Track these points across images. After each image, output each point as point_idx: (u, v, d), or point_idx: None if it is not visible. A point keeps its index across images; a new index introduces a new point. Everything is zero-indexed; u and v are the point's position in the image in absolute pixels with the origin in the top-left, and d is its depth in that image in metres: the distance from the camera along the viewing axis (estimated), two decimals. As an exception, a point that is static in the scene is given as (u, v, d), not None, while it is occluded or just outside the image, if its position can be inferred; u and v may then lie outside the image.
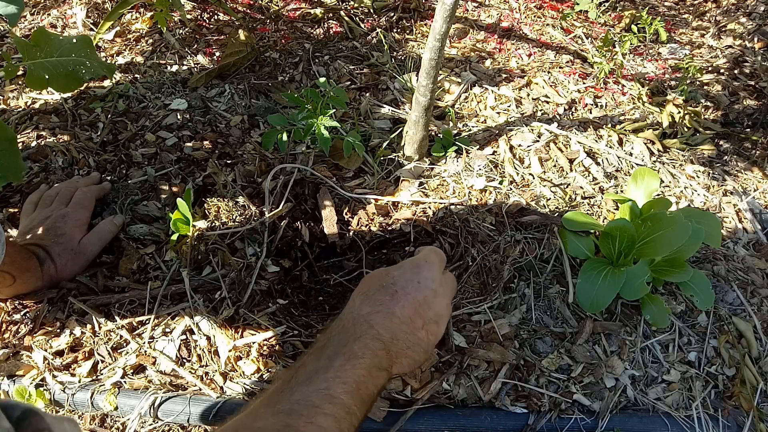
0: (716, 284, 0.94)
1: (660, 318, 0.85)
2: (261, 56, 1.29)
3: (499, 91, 1.29)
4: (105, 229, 0.89)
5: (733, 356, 0.85)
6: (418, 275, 0.65)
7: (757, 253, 1.03)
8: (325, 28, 1.42)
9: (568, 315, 0.87)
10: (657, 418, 0.78)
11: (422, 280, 0.64)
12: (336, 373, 0.54)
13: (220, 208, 0.95)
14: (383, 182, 1.07)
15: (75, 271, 0.85)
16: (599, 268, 0.85)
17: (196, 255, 0.88)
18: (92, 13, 1.33)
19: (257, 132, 1.12)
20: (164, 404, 0.73)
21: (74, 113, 1.10)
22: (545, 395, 0.78)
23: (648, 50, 1.58)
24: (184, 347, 0.79)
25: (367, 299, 0.63)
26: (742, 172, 1.23)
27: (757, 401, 0.81)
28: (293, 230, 0.99)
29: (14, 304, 0.82)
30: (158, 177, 1.00)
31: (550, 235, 0.96)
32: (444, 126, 1.17)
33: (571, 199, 1.05)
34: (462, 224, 0.98)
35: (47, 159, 1.02)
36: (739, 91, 1.45)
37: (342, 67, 1.29)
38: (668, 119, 1.28)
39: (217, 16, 1.39)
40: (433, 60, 0.92)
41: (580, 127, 1.21)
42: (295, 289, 0.94)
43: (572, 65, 1.42)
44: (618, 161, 1.15)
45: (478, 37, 1.48)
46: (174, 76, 1.20)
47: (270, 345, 0.80)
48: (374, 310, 0.61)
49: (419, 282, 0.64)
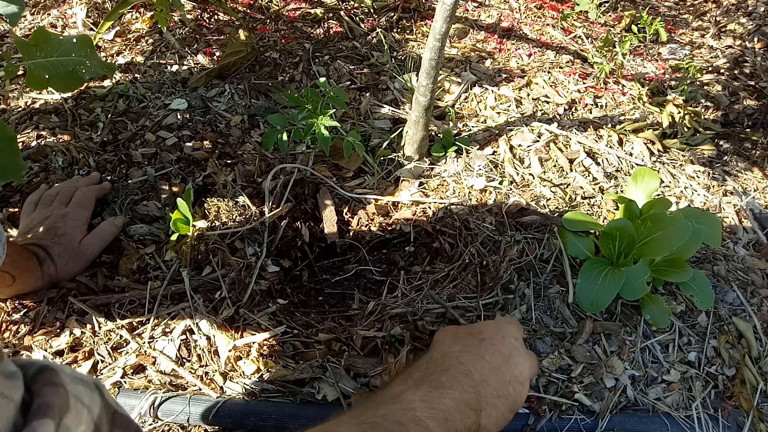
0: (716, 284, 0.94)
1: (660, 318, 0.85)
2: (261, 56, 1.29)
3: (499, 91, 1.29)
4: (106, 229, 0.89)
5: (733, 356, 0.85)
6: (502, 330, 0.65)
7: (757, 253, 1.03)
8: (325, 28, 1.42)
9: (568, 315, 0.87)
10: (657, 418, 0.78)
11: (506, 336, 0.65)
12: (423, 397, 0.53)
13: (220, 208, 0.95)
14: (383, 182, 1.07)
15: (75, 271, 0.85)
16: (599, 268, 0.85)
17: (196, 255, 0.88)
18: (92, 12, 1.33)
19: (257, 132, 1.12)
20: (164, 404, 0.73)
21: (74, 113, 1.10)
22: (545, 395, 0.78)
23: (648, 50, 1.58)
24: (184, 347, 0.79)
25: (457, 340, 0.62)
26: (742, 172, 1.23)
27: (757, 401, 0.81)
28: (293, 230, 0.99)
29: (14, 304, 0.82)
30: (158, 177, 1.00)
31: (550, 235, 0.96)
32: (444, 126, 1.17)
33: (571, 199, 1.05)
34: (462, 224, 0.98)
35: (47, 159, 1.02)
36: (739, 92, 1.45)
37: (342, 67, 1.29)
38: (668, 119, 1.28)
39: (217, 16, 1.39)
40: (433, 60, 0.92)
41: (580, 127, 1.21)
42: (295, 289, 0.94)
43: (572, 65, 1.42)
44: (618, 161, 1.15)
45: (478, 37, 1.48)
46: (174, 76, 1.20)
47: (270, 345, 0.80)
48: (464, 350, 0.60)
49: (503, 337, 0.64)
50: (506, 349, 0.63)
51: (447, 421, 0.52)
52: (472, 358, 0.60)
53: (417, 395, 0.53)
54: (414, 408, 0.51)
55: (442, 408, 0.52)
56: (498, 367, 0.61)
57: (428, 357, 0.60)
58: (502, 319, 0.69)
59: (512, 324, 0.68)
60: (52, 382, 0.26)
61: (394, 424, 0.49)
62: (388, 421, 0.49)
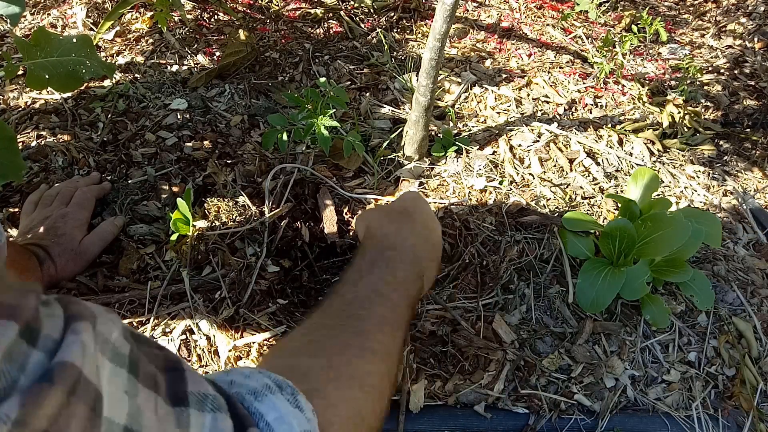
0: (716, 284, 0.94)
1: (660, 318, 0.85)
2: (261, 56, 1.29)
3: (499, 91, 1.29)
4: (106, 229, 0.89)
5: (733, 356, 0.85)
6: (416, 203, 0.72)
7: (757, 253, 1.03)
8: (325, 28, 1.42)
9: (568, 315, 0.87)
10: (657, 418, 0.78)
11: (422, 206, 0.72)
12: (380, 275, 0.58)
13: (220, 208, 0.95)
14: (383, 182, 1.07)
15: (75, 271, 0.85)
16: (599, 268, 0.85)
17: (196, 255, 0.88)
18: (92, 12, 1.33)
19: (257, 132, 1.12)
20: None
21: (74, 113, 1.10)
22: (546, 395, 0.78)
23: (648, 50, 1.58)
24: (184, 347, 0.79)
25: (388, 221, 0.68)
26: (742, 172, 1.23)
27: (757, 401, 0.81)
28: (293, 230, 0.99)
29: (14, 304, 0.81)
30: (158, 177, 1.00)
31: (550, 235, 0.96)
32: (444, 126, 1.17)
33: (571, 199, 1.05)
34: (462, 224, 0.98)
35: (47, 159, 1.02)
36: (739, 91, 1.45)
37: (342, 67, 1.29)
38: (668, 119, 1.28)
39: (217, 16, 1.39)
40: (433, 60, 0.92)
41: (580, 127, 1.21)
42: (295, 289, 0.94)
43: (572, 65, 1.42)
44: (618, 161, 1.15)
45: (478, 37, 1.48)
46: (174, 76, 1.20)
47: (270, 345, 0.80)
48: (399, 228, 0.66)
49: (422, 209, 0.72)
50: (429, 221, 0.71)
51: (405, 290, 0.58)
52: (410, 233, 0.66)
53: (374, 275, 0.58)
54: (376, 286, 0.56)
55: (398, 280, 0.58)
56: (427, 237, 0.68)
57: (370, 242, 0.65)
58: (409, 193, 0.77)
59: (418, 195, 0.76)
60: (74, 302, 0.27)
61: (363, 301, 0.54)
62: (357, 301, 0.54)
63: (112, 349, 0.27)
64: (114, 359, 0.27)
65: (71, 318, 0.26)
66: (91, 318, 0.27)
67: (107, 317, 0.28)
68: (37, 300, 0.25)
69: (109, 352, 0.27)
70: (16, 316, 0.23)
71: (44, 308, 0.25)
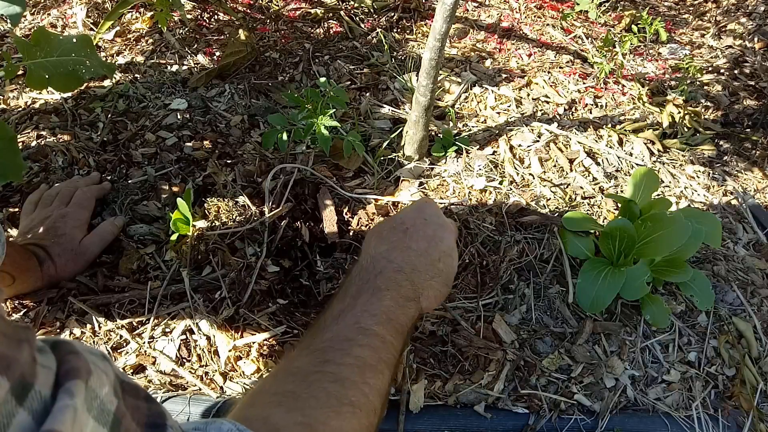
0: (716, 284, 0.94)
1: (660, 318, 0.85)
2: (261, 56, 1.29)
3: (499, 91, 1.29)
4: (106, 230, 0.89)
5: (733, 356, 0.85)
6: (423, 213, 0.68)
7: (757, 253, 1.03)
8: (325, 28, 1.42)
9: (568, 315, 0.87)
10: (657, 418, 0.78)
11: (428, 217, 0.67)
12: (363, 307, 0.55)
13: (220, 208, 0.95)
14: (383, 182, 1.07)
15: (75, 271, 0.85)
16: (599, 268, 0.85)
17: (196, 255, 0.88)
18: (92, 12, 1.33)
19: (257, 132, 1.12)
20: (164, 404, 0.73)
21: (74, 113, 1.10)
22: (545, 395, 0.78)
23: (648, 50, 1.58)
24: (184, 347, 0.79)
25: (381, 240, 0.64)
26: (742, 172, 1.23)
27: (757, 401, 0.81)
28: (293, 230, 0.99)
29: (14, 304, 0.82)
30: (158, 177, 1.00)
31: (550, 235, 0.96)
32: (444, 126, 1.17)
33: (571, 199, 1.05)
34: (462, 224, 0.98)
35: (47, 159, 1.02)
36: (739, 91, 1.45)
37: (342, 67, 1.29)
38: (668, 119, 1.28)
39: (217, 16, 1.39)
40: (433, 60, 0.92)
41: (580, 127, 1.21)
42: (295, 289, 0.94)
43: (572, 65, 1.42)
44: (618, 161, 1.15)
45: (478, 37, 1.48)
46: (174, 76, 1.20)
47: (270, 345, 0.80)
48: (391, 248, 0.63)
49: (426, 219, 0.67)
50: (430, 231, 0.66)
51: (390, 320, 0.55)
52: (400, 252, 0.62)
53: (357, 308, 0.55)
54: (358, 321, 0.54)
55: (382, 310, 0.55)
56: (425, 251, 0.64)
57: (359, 267, 0.62)
58: (419, 201, 0.73)
59: (429, 203, 0.71)
60: (72, 351, 0.27)
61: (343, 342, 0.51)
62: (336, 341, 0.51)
63: (99, 406, 0.27)
64: (99, 417, 0.27)
65: (67, 374, 0.25)
66: (87, 375, 0.26)
67: (101, 370, 0.28)
68: (32, 349, 0.25)
69: (95, 410, 0.27)
70: (9, 370, 0.22)
71: (39, 356, 0.25)
